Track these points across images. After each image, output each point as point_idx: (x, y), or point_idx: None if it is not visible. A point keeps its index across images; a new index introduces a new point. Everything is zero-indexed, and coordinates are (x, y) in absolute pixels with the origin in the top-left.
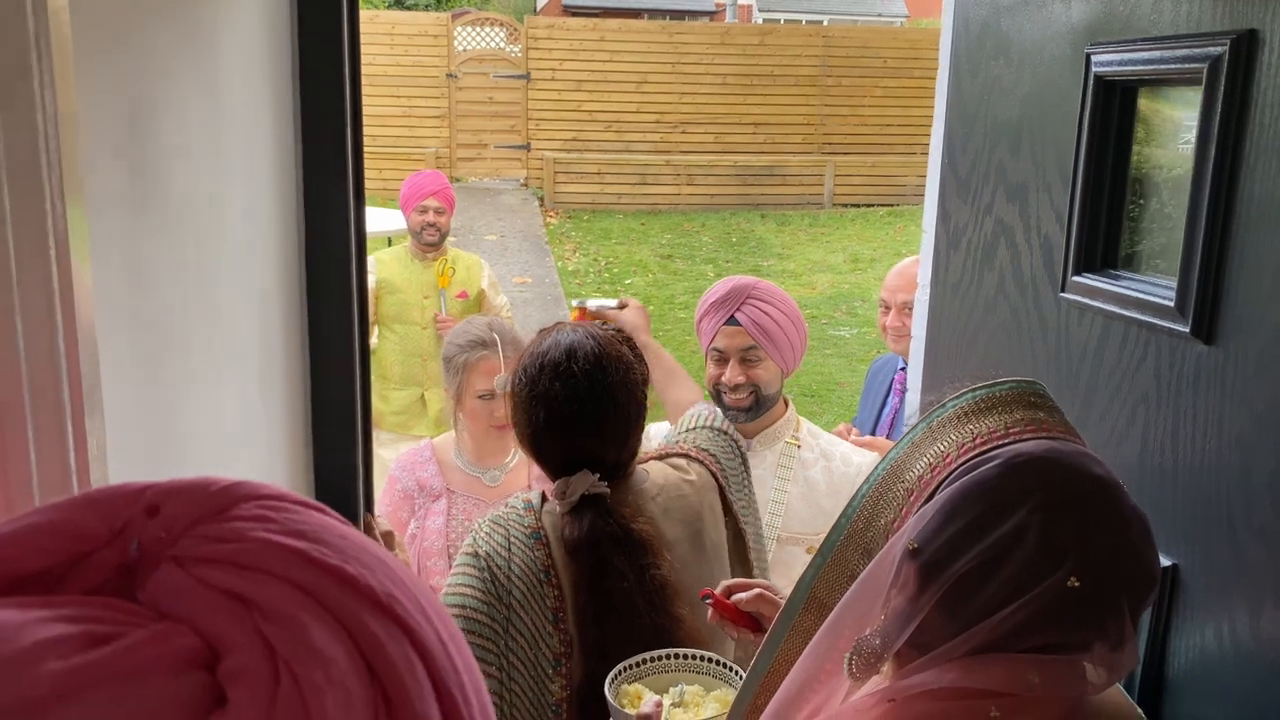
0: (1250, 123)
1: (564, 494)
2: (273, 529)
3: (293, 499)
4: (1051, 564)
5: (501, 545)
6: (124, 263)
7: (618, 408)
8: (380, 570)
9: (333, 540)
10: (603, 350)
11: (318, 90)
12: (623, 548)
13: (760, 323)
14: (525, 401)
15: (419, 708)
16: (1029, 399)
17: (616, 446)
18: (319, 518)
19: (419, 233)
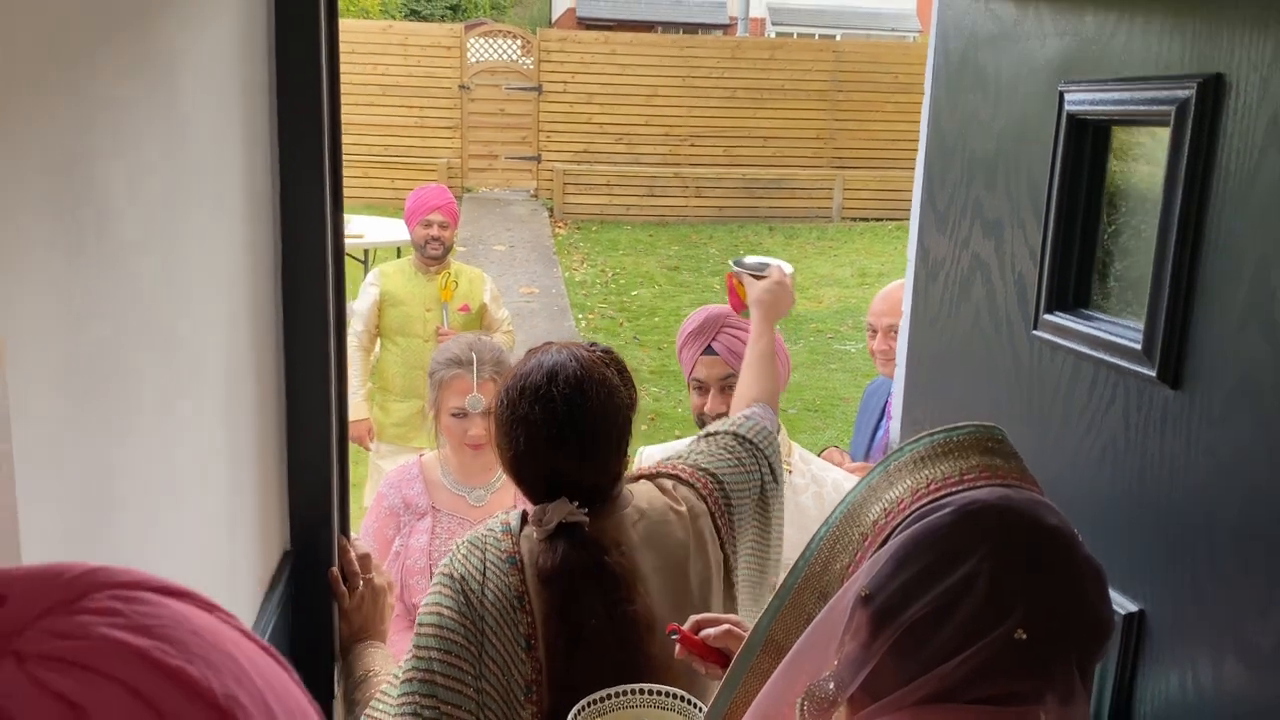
0: (1217, 167)
1: (541, 521)
2: (119, 624)
3: (152, 585)
4: (999, 614)
5: (477, 569)
6: (58, 305)
7: (596, 433)
8: (227, 667)
9: (180, 636)
10: (585, 373)
11: (296, 109)
12: (596, 580)
13: (737, 351)
14: (505, 424)
15: None
16: (986, 444)
17: (596, 472)
18: (174, 609)
19: (423, 246)
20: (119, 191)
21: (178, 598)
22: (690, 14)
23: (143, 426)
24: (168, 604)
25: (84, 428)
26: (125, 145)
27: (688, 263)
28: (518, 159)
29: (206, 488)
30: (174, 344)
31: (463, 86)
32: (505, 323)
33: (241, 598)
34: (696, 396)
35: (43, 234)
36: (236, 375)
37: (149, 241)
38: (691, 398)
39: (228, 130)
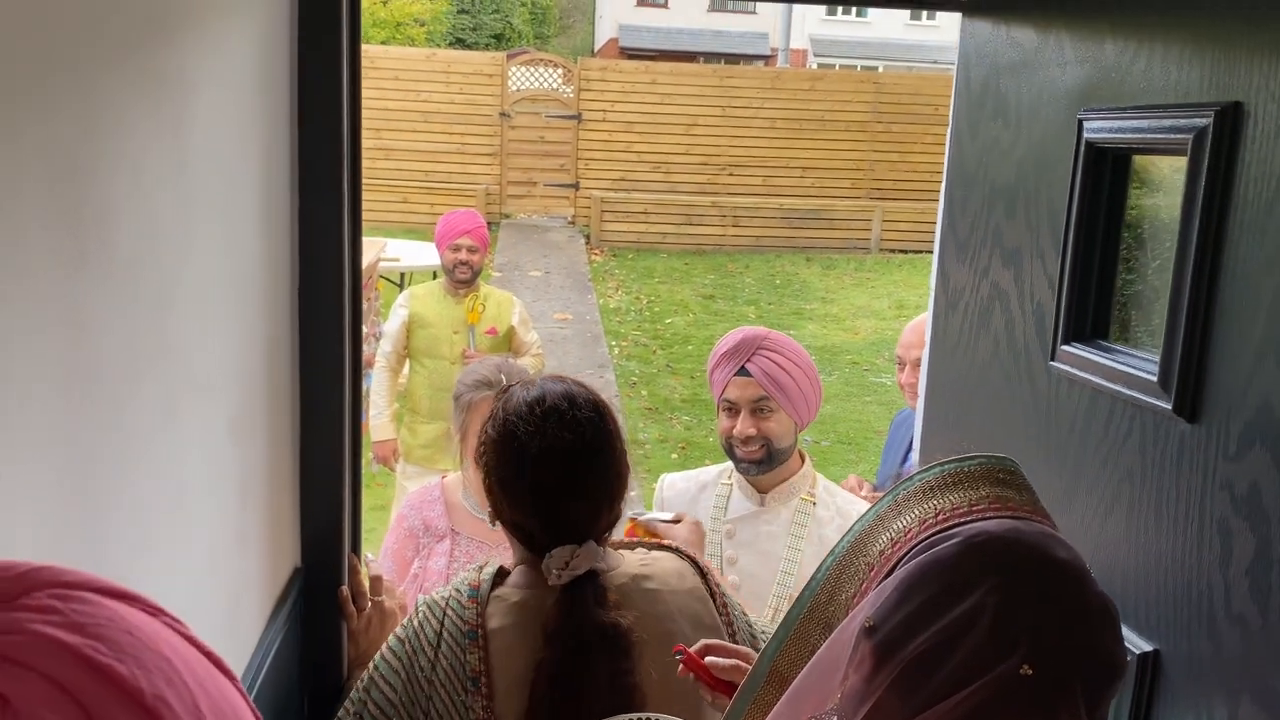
0: (1235, 196)
1: (567, 565)
2: (54, 621)
3: (95, 586)
4: (1005, 649)
5: (430, 641)
6: (57, 313)
7: (617, 460)
8: (159, 669)
9: (114, 636)
10: (596, 399)
11: (316, 130)
12: (606, 642)
13: (772, 374)
14: (535, 455)
15: None
16: (997, 475)
17: (612, 508)
18: (112, 608)
19: (451, 270)
20: (123, 204)
21: (120, 599)
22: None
23: (145, 439)
24: (107, 604)
25: (83, 438)
26: (130, 158)
27: (723, 291)
28: (556, 186)
29: (214, 502)
30: (179, 357)
31: (503, 114)
32: (534, 346)
33: (250, 613)
34: (726, 419)
35: (44, 243)
36: (249, 391)
37: (154, 254)
38: (720, 421)
39: (244, 149)
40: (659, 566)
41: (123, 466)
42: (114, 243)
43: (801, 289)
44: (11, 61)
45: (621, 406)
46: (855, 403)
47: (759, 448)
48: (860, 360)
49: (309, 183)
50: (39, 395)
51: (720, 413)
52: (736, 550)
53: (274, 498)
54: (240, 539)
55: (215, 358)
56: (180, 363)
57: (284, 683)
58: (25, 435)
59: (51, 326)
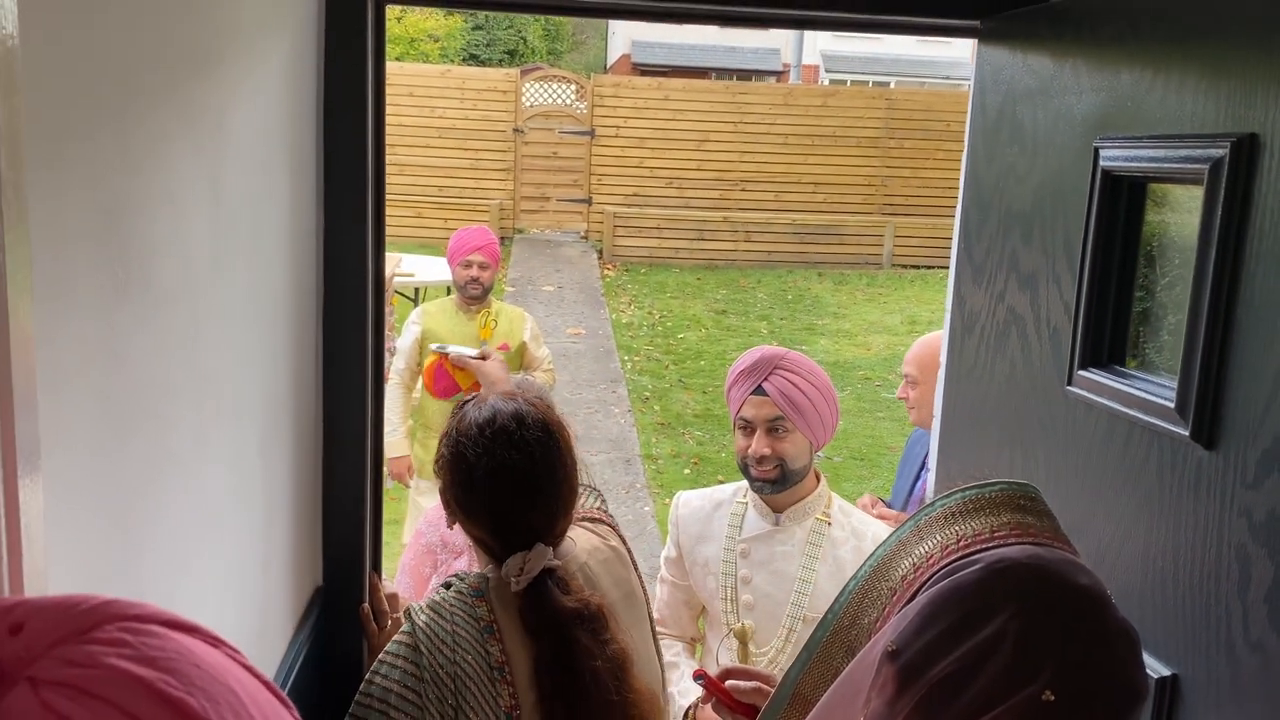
0: (1251, 226)
1: (521, 571)
2: (126, 654)
3: (161, 619)
4: (1027, 675)
5: (445, 641)
6: (98, 345)
7: (567, 474)
8: (226, 702)
9: (184, 668)
10: (546, 417)
11: (341, 159)
12: (584, 622)
13: (788, 394)
14: (483, 473)
15: None
16: (1018, 502)
17: (564, 516)
18: (180, 641)
19: (463, 286)
20: (163, 239)
21: (185, 631)
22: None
23: (179, 463)
24: (175, 637)
25: (120, 463)
26: (170, 192)
27: (735, 306)
28: (569, 201)
29: (242, 524)
30: (212, 384)
31: (517, 130)
32: (545, 361)
33: (273, 631)
34: (742, 438)
35: (87, 275)
36: (275, 415)
37: (189, 287)
38: (736, 439)
39: (274, 178)
40: (601, 539)
41: (160, 495)
42: (153, 278)
43: (814, 304)
44: (59, 104)
45: (634, 422)
46: (867, 419)
47: (773, 468)
48: (873, 376)
49: (333, 214)
50: (82, 428)
51: (736, 431)
52: (751, 570)
53: (297, 518)
54: (265, 559)
55: (245, 385)
56: (213, 391)
57: (307, 699)
58: (69, 468)
59: (94, 360)
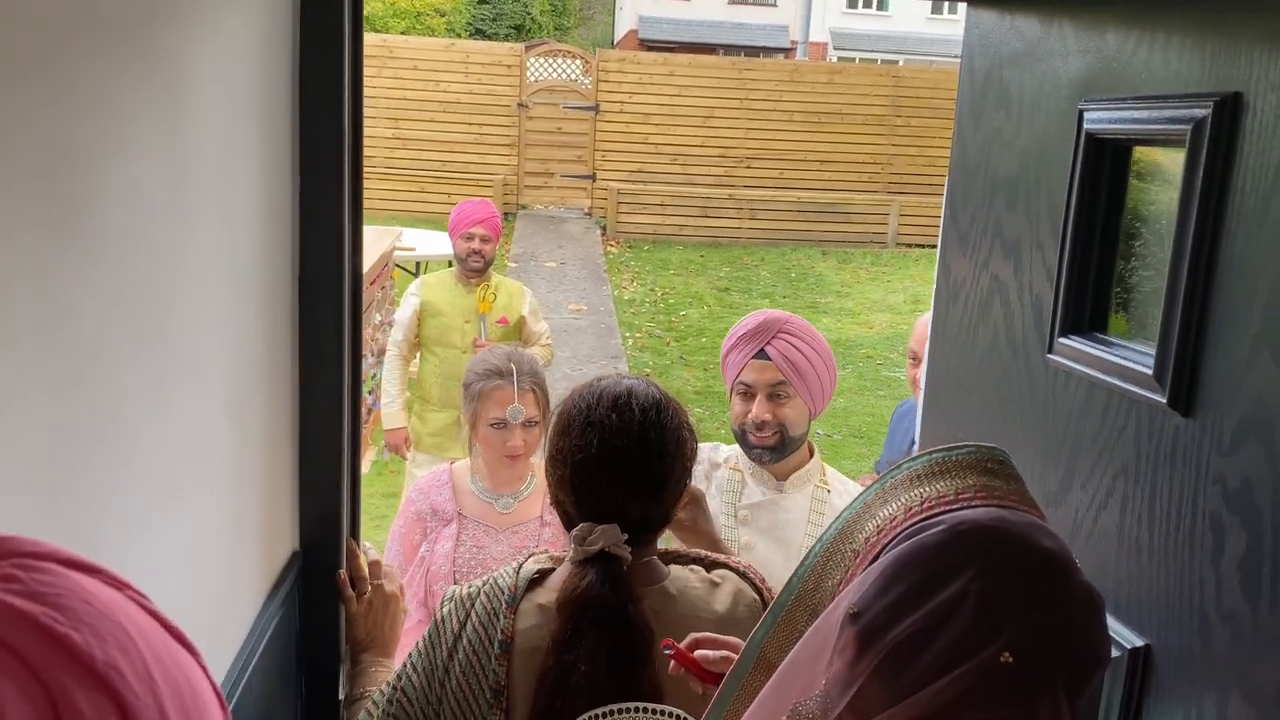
0: (1233, 188)
1: (584, 540)
2: (14, 589)
3: (59, 558)
4: (986, 637)
5: (449, 639)
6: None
7: (665, 457)
8: (114, 639)
9: (72, 605)
10: (664, 399)
11: (317, 113)
12: (609, 626)
13: (792, 358)
14: (578, 427)
15: None
16: (985, 465)
17: (650, 503)
18: (73, 579)
19: (464, 259)
20: (115, 188)
21: (86, 571)
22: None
23: (133, 418)
24: (69, 575)
25: (71, 421)
26: (124, 142)
27: (738, 284)
28: (573, 177)
29: (207, 485)
30: (170, 339)
31: (521, 105)
32: (544, 336)
33: (245, 595)
34: (740, 403)
35: (29, 222)
36: (244, 375)
37: (147, 239)
38: (733, 405)
39: (244, 137)
40: (709, 592)
41: (112, 449)
42: (105, 226)
43: (817, 282)
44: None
45: None
46: (869, 396)
47: (773, 434)
48: (875, 354)
49: (310, 171)
50: (25, 377)
51: (734, 397)
52: (753, 537)
53: (271, 481)
54: (235, 521)
55: (211, 343)
56: (173, 347)
57: (282, 664)
58: (10, 419)
59: (37, 307)
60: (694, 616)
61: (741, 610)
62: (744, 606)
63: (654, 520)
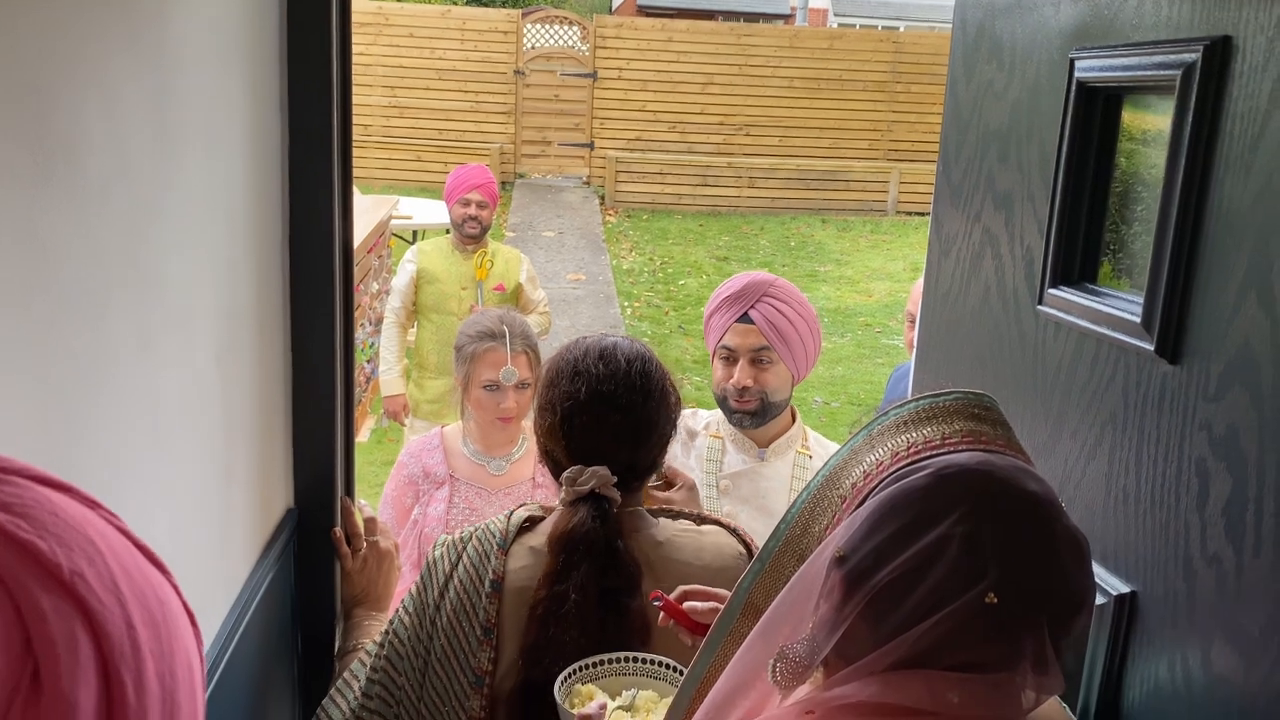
0: (1221, 133)
1: (575, 481)
2: None
3: (29, 474)
4: (971, 578)
5: (439, 580)
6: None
7: (651, 405)
8: (80, 549)
9: (38, 515)
10: (649, 353)
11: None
12: (599, 560)
13: (775, 322)
14: (566, 376)
15: (66, 685)
16: (972, 410)
17: (638, 450)
18: (41, 493)
19: (460, 225)
20: (92, 128)
21: (55, 488)
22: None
23: (118, 362)
24: (37, 489)
25: (48, 364)
26: (102, 82)
27: (737, 253)
28: (571, 145)
29: (196, 435)
30: (157, 286)
31: (518, 72)
32: (541, 304)
33: (238, 549)
34: (722, 368)
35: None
36: (234, 327)
37: (127, 181)
38: (715, 370)
39: (230, 85)
40: (696, 541)
41: (94, 393)
42: (81, 166)
43: (816, 251)
44: None
45: None
46: (867, 365)
47: (755, 399)
48: (874, 322)
49: (298, 116)
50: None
51: (715, 361)
52: (735, 506)
53: (264, 437)
54: (227, 475)
55: (196, 292)
56: (157, 293)
57: (277, 619)
58: None
59: (10, 245)
60: (681, 563)
61: (728, 561)
62: (731, 558)
63: (640, 467)
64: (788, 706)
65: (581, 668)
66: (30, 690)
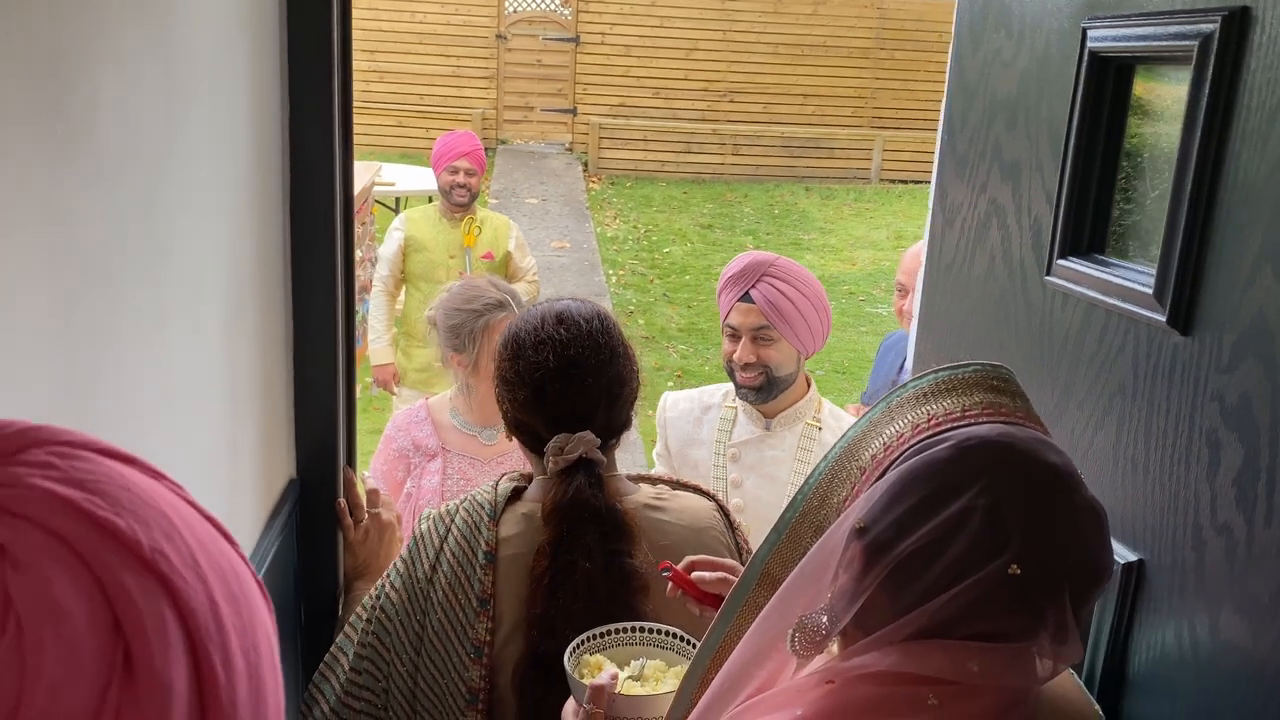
0: (1238, 105)
1: (562, 450)
2: (53, 476)
3: (95, 447)
4: (993, 550)
5: (429, 554)
6: (42, 199)
7: (617, 362)
8: (158, 525)
9: (113, 491)
10: (607, 315)
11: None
12: (601, 525)
13: (774, 302)
14: (530, 347)
15: (159, 665)
16: (991, 383)
17: (611, 405)
18: (112, 468)
19: (448, 192)
20: (106, 96)
21: (123, 461)
22: None
23: (134, 332)
24: (107, 463)
25: (70, 337)
26: (112, 47)
27: (721, 221)
28: (553, 111)
29: (205, 405)
30: (168, 256)
31: (499, 36)
32: (530, 272)
33: (243, 520)
34: (728, 343)
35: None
36: (240, 298)
37: (139, 149)
38: (724, 344)
39: (229, 45)
40: (675, 503)
41: (112, 366)
42: (97, 136)
43: (800, 219)
44: None
45: None
46: (851, 333)
47: (758, 374)
48: (857, 291)
49: (298, 84)
50: (24, 292)
51: (724, 336)
52: (741, 474)
53: (267, 408)
54: (232, 446)
55: (205, 262)
56: (169, 263)
57: (280, 591)
58: (10, 335)
59: (34, 221)
60: (668, 524)
61: (708, 521)
62: (709, 519)
63: (615, 425)
64: (807, 676)
65: (589, 638)
66: (124, 672)
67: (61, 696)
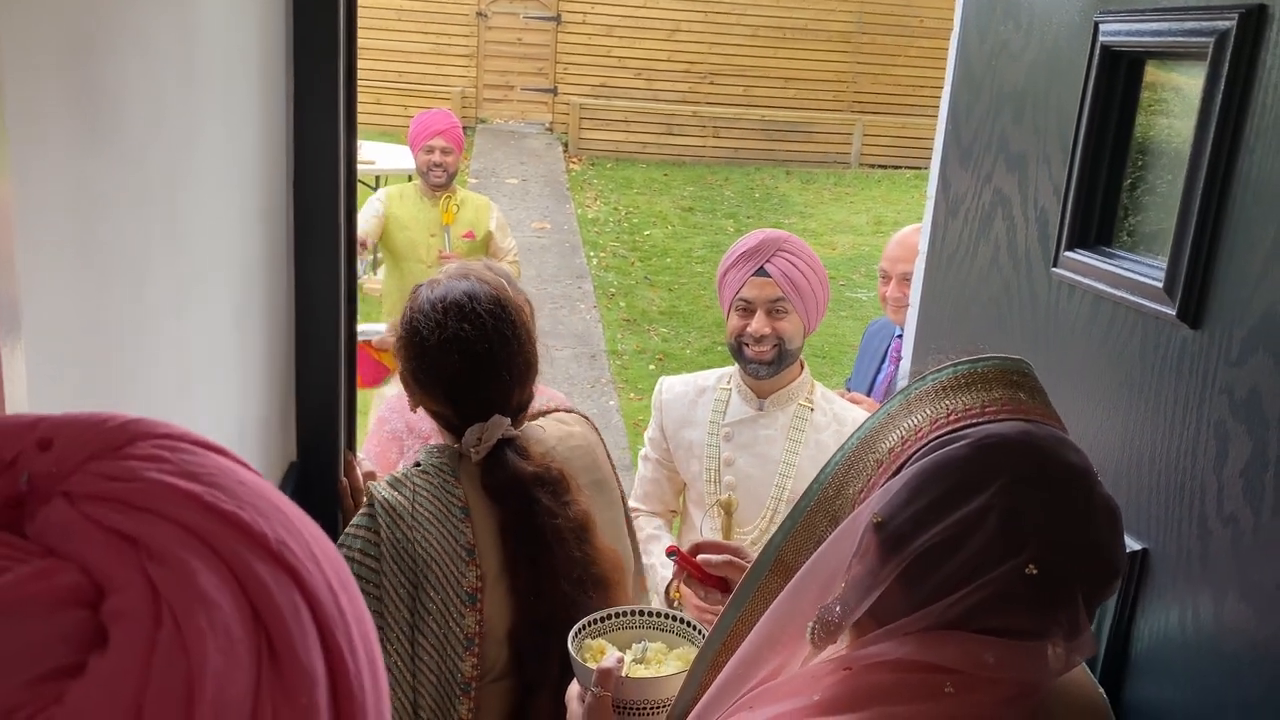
0: (1253, 102)
1: (479, 440)
2: (167, 469)
3: (191, 439)
4: (1011, 548)
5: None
6: (73, 192)
7: (521, 347)
8: (274, 516)
9: (228, 484)
10: (500, 294)
11: (311, 20)
12: (545, 485)
13: (790, 275)
14: (434, 346)
15: (302, 654)
16: (1011, 378)
17: (520, 388)
18: (216, 460)
19: (426, 173)
20: (134, 82)
21: (216, 453)
22: None
23: (156, 323)
24: (210, 455)
25: (102, 319)
26: (138, 34)
27: (702, 204)
28: (534, 90)
29: (217, 392)
30: (187, 244)
31: (480, 14)
32: (511, 253)
33: None
34: (738, 319)
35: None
36: (248, 285)
37: (162, 135)
38: (731, 321)
39: (242, 40)
40: (556, 429)
41: (138, 349)
42: (125, 121)
43: (780, 203)
44: None
45: (600, 317)
46: (831, 317)
47: (771, 347)
48: (837, 275)
49: (303, 77)
50: (58, 273)
51: (732, 313)
52: (734, 452)
53: (271, 392)
54: (240, 430)
55: (220, 245)
56: (188, 251)
57: None
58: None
59: (67, 204)
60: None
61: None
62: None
63: (525, 401)
64: (823, 661)
65: (590, 623)
66: (270, 663)
67: (225, 686)
